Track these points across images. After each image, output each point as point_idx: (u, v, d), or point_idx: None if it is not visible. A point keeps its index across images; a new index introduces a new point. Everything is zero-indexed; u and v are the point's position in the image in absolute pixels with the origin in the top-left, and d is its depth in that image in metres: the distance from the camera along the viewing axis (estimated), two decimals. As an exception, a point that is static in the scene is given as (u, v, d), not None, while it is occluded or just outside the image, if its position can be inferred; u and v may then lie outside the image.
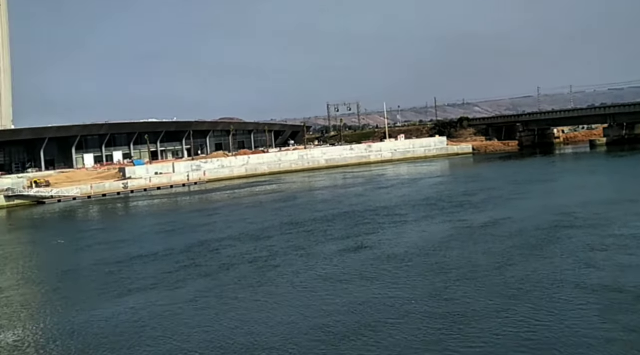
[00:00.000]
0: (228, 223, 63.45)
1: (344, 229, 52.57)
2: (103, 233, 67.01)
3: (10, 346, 29.02)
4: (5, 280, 44.75)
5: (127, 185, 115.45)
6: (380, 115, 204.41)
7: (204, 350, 26.21)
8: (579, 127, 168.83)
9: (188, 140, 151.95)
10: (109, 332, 29.52)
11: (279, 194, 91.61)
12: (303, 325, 28.32)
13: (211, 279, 38.34)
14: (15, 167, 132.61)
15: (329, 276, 36.93)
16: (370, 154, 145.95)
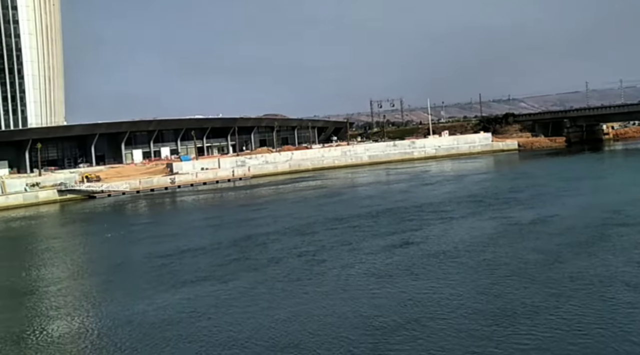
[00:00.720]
0: (274, 218, 64.39)
1: (389, 225, 52.87)
2: (153, 227, 68.80)
3: (72, 334, 30.42)
4: (63, 271, 46.60)
5: (175, 180, 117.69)
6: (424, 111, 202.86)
7: (257, 340, 26.99)
8: (630, 123, 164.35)
9: (233, 136, 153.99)
10: (166, 322, 30.63)
11: (323, 189, 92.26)
12: (351, 319, 28.83)
13: (261, 272, 39.24)
14: (68, 163, 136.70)
15: (377, 271, 37.37)
16: (413, 151, 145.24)
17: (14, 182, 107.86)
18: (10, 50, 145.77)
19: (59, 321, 32.66)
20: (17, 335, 30.83)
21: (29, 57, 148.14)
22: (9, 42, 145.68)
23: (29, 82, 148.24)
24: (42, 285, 42.14)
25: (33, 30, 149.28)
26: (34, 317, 34.04)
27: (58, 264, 50.43)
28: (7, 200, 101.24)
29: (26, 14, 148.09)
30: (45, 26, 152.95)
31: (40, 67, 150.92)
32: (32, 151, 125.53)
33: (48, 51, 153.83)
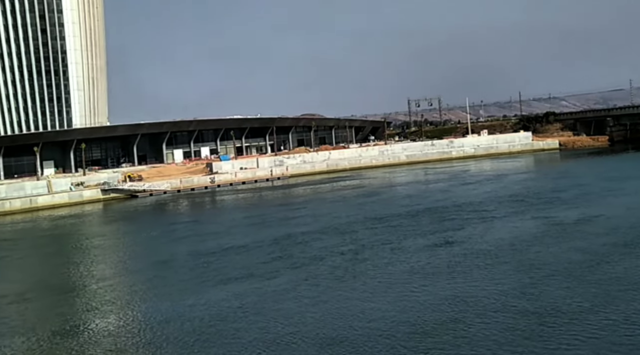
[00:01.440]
0: (314, 217, 64.89)
1: (430, 225, 52.82)
2: (195, 225, 69.99)
3: (122, 329, 31.36)
4: (111, 268, 47.93)
5: (214, 180, 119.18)
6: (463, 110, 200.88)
7: (301, 337, 27.45)
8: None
9: (271, 136, 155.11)
10: (213, 317, 31.35)
11: (361, 189, 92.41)
12: (395, 317, 29.05)
13: (305, 270, 39.75)
14: (111, 162, 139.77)
15: (419, 270, 37.49)
16: (452, 150, 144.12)
17: (60, 182, 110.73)
18: (55, 53, 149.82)
19: (108, 316, 33.69)
20: (68, 330, 31.91)
21: (73, 59, 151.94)
22: (55, 44, 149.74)
23: (73, 83, 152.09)
24: (90, 282, 43.41)
25: (77, 32, 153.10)
26: (84, 312, 35.16)
27: (105, 261, 51.87)
28: (53, 199, 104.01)
29: (71, 17, 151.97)
30: (89, 28, 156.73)
31: (84, 69, 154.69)
32: (76, 151, 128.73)
33: (92, 53, 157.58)
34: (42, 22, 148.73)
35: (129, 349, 28.08)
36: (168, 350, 27.34)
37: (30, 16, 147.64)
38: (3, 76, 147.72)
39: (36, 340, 30.48)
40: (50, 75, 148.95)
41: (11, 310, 37.17)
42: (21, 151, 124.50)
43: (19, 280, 46.90)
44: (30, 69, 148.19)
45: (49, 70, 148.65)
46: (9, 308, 37.66)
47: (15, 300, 39.53)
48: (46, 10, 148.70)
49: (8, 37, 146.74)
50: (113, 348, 28.41)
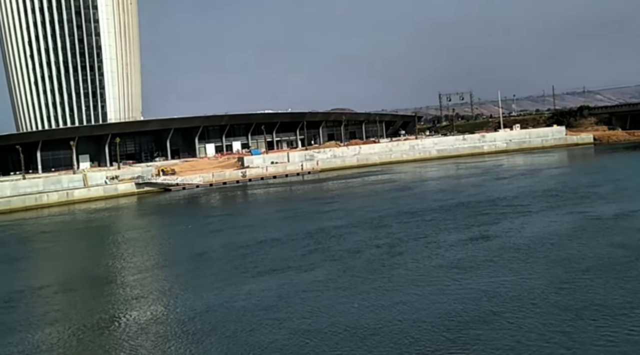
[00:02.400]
0: (347, 211, 65.12)
1: (465, 219, 52.65)
2: (229, 219, 70.76)
3: (161, 319, 32.05)
4: (148, 260, 48.81)
5: (246, 174, 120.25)
6: (495, 104, 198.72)
7: (338, 329, 27.77)
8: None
9: (302, 130, 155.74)
10: (250, 308, 31.84)
11: (392, 183, 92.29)
12: (430, 311, 29.17)
13: (340, 263, 40.05)
14: (145, 157, 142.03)
15: (454, 264, 37.47)
16: (483, 145, 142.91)
17: (95, 175, 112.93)
18: (91, 48, 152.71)
19: (150, 306, 34.44)
20: (110, 320, 32.75)
21: (108, 55, 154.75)
22: (90, 40, 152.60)
23: (108, 78, 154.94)
24: (130, 273, 44.34)
25: (112, 28, 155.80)
26: (125, 302, 35.98)
27: (143, 253, 52.84)
28: (89, 192, 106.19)
29: (105, 13, 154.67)
30: (124, 24, 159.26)
31: (119, 64, 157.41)
32: (111, 145, 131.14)
33: (126, 49, 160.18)
34: (78, 18, 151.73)
35: (174, 338, 28.73)
36: (211, 339, 27.90)
37: (67, 12, 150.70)
38: (40, 72, 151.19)
39: (78, 329, 31.36)
40: (85, 71, 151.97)
41: (53, 300, 38.24)
42: (58, 145, 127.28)
43: (60, 271, 48.17)
44: (67, 64, 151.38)
45: (84, 66, 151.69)
46: (51, 298, 38.75)
47: (58, 290, 40.67)
48: (82, 6, 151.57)
49: (45, 34, 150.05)
50: (157, 337, 29.10)
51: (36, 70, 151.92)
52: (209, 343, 27.48)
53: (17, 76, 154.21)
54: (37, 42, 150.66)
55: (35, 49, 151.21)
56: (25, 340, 30.19)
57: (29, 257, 56.76)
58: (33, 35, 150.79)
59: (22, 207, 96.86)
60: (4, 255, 56.89)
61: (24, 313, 35.22)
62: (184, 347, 27.37)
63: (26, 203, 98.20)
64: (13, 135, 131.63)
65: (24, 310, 35.85)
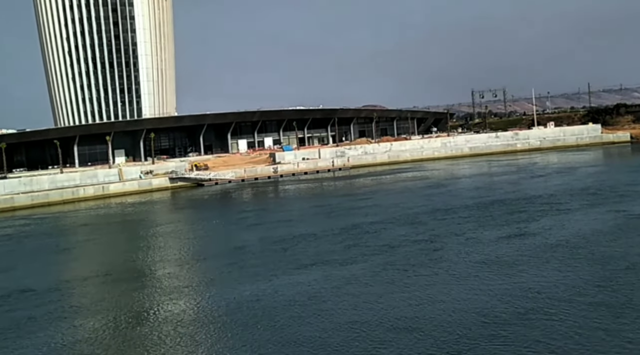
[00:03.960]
0: (381, 207, 65.15)
1: (502, 216, 52.32)
2: (262, 214, 71.30)
3: (208, 310, 32.60)
4: (186, 253, 49.51)
5: (277, 170, 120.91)
6: (528, 101, 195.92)
7: (376, 322, 28.05)
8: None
9: (333, 127, 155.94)
10: (289, 301, 32.26)
11: (425, 180, 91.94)
12: (468, 307, 29.22)
13: (377, 258, 40.24)
14: (178, 152, 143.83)
15: (492, 261, 37.37)
16: (517, 142, 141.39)
17: (130, 170, 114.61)
18: (127, 45, 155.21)
19: (191, 298, 35.09)
20: (152, 311, 33.45)
21: (143, 51, 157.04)
22: (126, 37, 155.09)
23: (143, 75, 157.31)
24: (168, 266, 45.09)
25: (147, 25, 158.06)
26: (167, 294, 36.63)
27: (179, 247, 53.61)
28: (124, 186, 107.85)
29: (141, 10, 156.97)
30: (158, 21, 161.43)
31: (154, 61, 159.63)
32: (146, 140, 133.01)
33: (160, 45, 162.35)
34: (114, 15, 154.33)
35: (216, 328, 29.25)
36: (254, 331, 28.35)
37: (103, 10, 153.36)
38: (78, 68, 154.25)
39: (123, 319, 32.11)
40: (121, 67, 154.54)
41: (98, 290, 39.21)
42: (94, 140, 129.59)
43: (102, 262, 49.16)
44: (103, 60, 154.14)
45: (120, 62, 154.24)
46: (96, 288, 39.74)
47: (101, 281, 41.67)
48: (118, 3, 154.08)
49: (82, 30, 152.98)
50: (200, 328, 29.65)
51: (74, 66, 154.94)
52: (251, 334, 27.93)
53: (56, 72, 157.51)
54: (74, 39, 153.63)
55: (73, 46, 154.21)
56: (71, 328, 31.04)
57: (72, 248, 58.18)
58: (71, 31, 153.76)
59: (59, 200, 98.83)
60: (48, 247, 58.37)
61: (71, 302, 36.18)
62: (226, 337, 27.86)
63: (64, 196, 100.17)
64: (51, 130, 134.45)
65: (70, 300, 36.82)
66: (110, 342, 28.90)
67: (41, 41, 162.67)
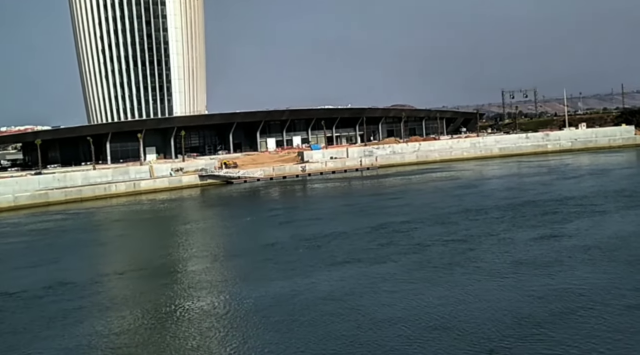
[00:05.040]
0: (412, 207, 65.05)
1: (534, 217, 51.87)
2: (292, 212, 71.70)
3: (241, 306, 32.99)
4: (219, 251, 50.05)
5: (305, 168, 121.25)
6: (560, 102, 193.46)
7: (408, 321, 28.14)
8: None
9: (361, 126, 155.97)
10: (322, 298, 32.49)
11: (455, 181, 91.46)
12: (501, 307, 29.12)
13: (409, 257, 40.28)
14: (208, 150, 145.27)
15: (526, 261, 37.16)
16: (547, 143, 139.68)
17: (161, 167, 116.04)
18: (158, 44, 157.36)
19: (224, 294, 35.50)
20: (188, 307, 33.98)
21: (174, 50, 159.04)
22: (158, 36, 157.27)
23: (174, 73, 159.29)
24: (201, 262, 45.64)
25: (179, 24, 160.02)
26: (199, 290, 37.13)
27: (211, 243, 54.29)
28: (154, 183, 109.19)
29: (173, 9, 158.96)
30: (190, 20, 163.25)
31: (185, 59, 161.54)
32: (176, 138, 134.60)
33: (192, 44, 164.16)
34: (147, 14, 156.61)
35: (249, 325, 29.60)
36: (287, 327, 28.65)
37: (136, 8, 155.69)
38: (111, 66, 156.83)
39: (155, 313, 32.69)
40: (153, 65, 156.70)
41: (131, 284, 39.95)
42: (126, 137, 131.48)
43: (134, 258, 50.01)
44: (135, 59, 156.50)
45: (152, 61, 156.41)
46: (127, 282, 40.50)
47: (134, 276, 42.48)
48: (150, 2, 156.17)
49: (116, 29, 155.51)
50: (232, 324, 30.03)
51: (107, 64, 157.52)
52: (288, 329, 28.23)
53: (89, 70, 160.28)
54: (108, 37, 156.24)
55: (107, 44, 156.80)
56: (110, 320, 31.71)
57: (108, 243, 59.46)
58: (105, 30, 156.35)
59: (92, 196, 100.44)
60: (85, 241, 59.61)
61: (108, 295, 36.96)
62: (262, 332, 28.19)
63: (96, 192, 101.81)
64: (84, 127, 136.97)
65: (108, 293, 37.61)
66: (147, 335, 29.46)
67: (76, 39, 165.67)
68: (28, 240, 61.86)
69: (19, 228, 71.90)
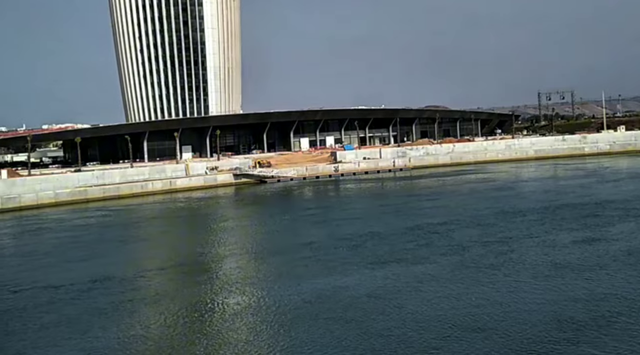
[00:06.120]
0: (447, 208, 64.80)
1: (573, 220, 51.32)
2: (327, 211, 72.00)
3: (285, 302, 33.45)
4: (257, 248, 50.50)
5: (338, 168, 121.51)
6: (598, 104, 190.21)
7: (446, 320, 28.27)
8: None
9: (395, 127, 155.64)
10: (368, 296, 32.78)
11: (491, 182, 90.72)
12: (542, 309, 29.04)
13: (448, 258, 40.29)
14: (242, 149, 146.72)
15: (567, 264, 36.89)
16: (584, 146, 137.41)
17: (196, 166, 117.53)
18: (195, 44, 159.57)
19: (264, 292, 35.93)
20: (229, 304, 34.59)
21: (211, 50, 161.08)
22: (195, 36, 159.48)
23: (210, 73, 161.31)
24: (239, 260, 46.34)
25: (215, 24, 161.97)
26: (240, 287, 37.77)
27: (248, 241, 54.90)
28: (190, 181, 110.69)
29: (210, 10, 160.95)
30: (226, 20, 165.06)
31: (221, 59, 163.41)
32: (212, 137, 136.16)
33: (228, 44, 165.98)
34: (184, 14, 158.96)
35: (288, 322, 30.04)
36: (332, 323, 29.02)
37: (174, 9, 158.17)
38: (149, 66, 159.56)
39: (196, 309, 33.37)
40: (190, 65, 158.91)
41: (172, 280, 40.80)
42: (163, 136, 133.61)
43: (174, 254, 50.89)
44: (173, 59, 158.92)
45: (189, 61, 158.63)
46: (167, 278, 41.35)
47: (175, 272, 43.34)
48: (188, 3, 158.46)
49: (154, 29, 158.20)
50: (274, 321, 30.49)
51: (145, 64, 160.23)
52: (328, 326, 28.58)
53: (128, 70, 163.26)
54: (146, 38, 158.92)
55: (145, 44, 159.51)
56: (150, 315, 32.51)
57: (147, 239, 60.71)
58: (143, 31, 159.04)
59: (129, 194, 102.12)
60: (126, 237, 61.01)
61: (150, 291, 37.85)
62: (303, 329, 28.59)
63: (133, 190, 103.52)
64: (123, 126, 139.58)
65: (150, 288, 38.50)
66: (191, 329, 30.16)
67: (115, 40, 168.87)
68: (74, 235, 63.57)
69: (64, 223, 73.77)
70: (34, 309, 34.56)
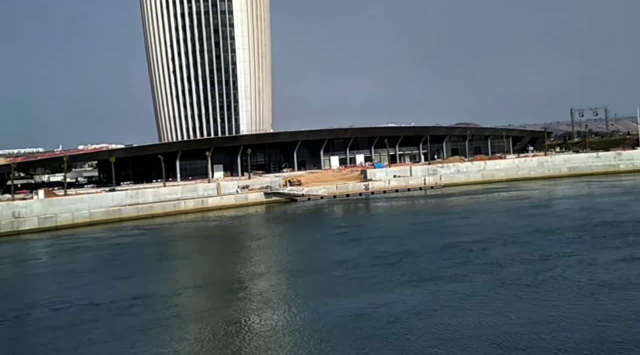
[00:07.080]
0: (481, 226, 64.21)
1: (613, 238, 50.49)
2: (358, 230, 71.78)
3: (322, 321, 33.48)
4: (291, 267, 50.62)
5: (368, 186, 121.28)
6: (633, 120, 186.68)
7: (483, 339, 28.11)
8: None
9: (425, 145, 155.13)
10: (405, 314, 32.67)
11: (524, 200, 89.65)
12: (581, 328, 28.78)
13: (485, 277, 39.94)
14: (273, 167, 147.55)
15: (606, 283, 36.36)
16: (619, 163, 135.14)
17: (227, 185, 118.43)
18: (227, 64, 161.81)
19: (300, 310, 36.02)
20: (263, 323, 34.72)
21: (242, 70, 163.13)
22: (226, 56, 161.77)
23: (241, 92, 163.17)
24: (272, 278, 46.58)
25: (246, 45, 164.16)
26: (275, 306, 37.89)
27: (281, 260, 55.03)
28: (221, 200, 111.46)
29: (241, 31, 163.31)
30: (257, 41, 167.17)
31: (252, 79, 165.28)
32: (243, 156, 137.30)
33: (258, 64, 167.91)
34: (216, 35, 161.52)
35: (332, 338, 30.04)
36: (369, 341, 28.96)
37: (206, 30, 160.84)
38: (181, 86, 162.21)
39: (229, 326, 33.55)
40: (222, 85, 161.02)
41: (208, 299, 41.12)
42: (195, 155, 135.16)
43: (210, 273, 51.41)
44: (205, 79, 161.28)
45: (220, 81, 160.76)
46: (203, 296, 41.69)
47: (210, 290, 43.70)
48: (219, 24, 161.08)
49: (186, 50, 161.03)
50: (307, 339, 30.50)
51: (177, 85, 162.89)
52: (365, 345, 28.51)
53: (161, 90, 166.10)
54: (179, 58, 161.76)
55: (178, 65, 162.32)
56: (186, 333, 32.79)
57: (182, 258, 61.22)
58: (176, 51, 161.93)
59: (162, 212, 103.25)
60: (162, 256, 61.81)
61: (185, 308, 38.25)
62: (338, 347, 28.55)
63: (166, 209, 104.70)
64: (156, 145, 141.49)
65: (185, 306, 38.92)
66: (227, 346, 30.32)
67: (148, 61, 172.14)
68: (112, 253, 64.62)
69: (102, 242, 75.03)
70: (82, 325, 35.28)
